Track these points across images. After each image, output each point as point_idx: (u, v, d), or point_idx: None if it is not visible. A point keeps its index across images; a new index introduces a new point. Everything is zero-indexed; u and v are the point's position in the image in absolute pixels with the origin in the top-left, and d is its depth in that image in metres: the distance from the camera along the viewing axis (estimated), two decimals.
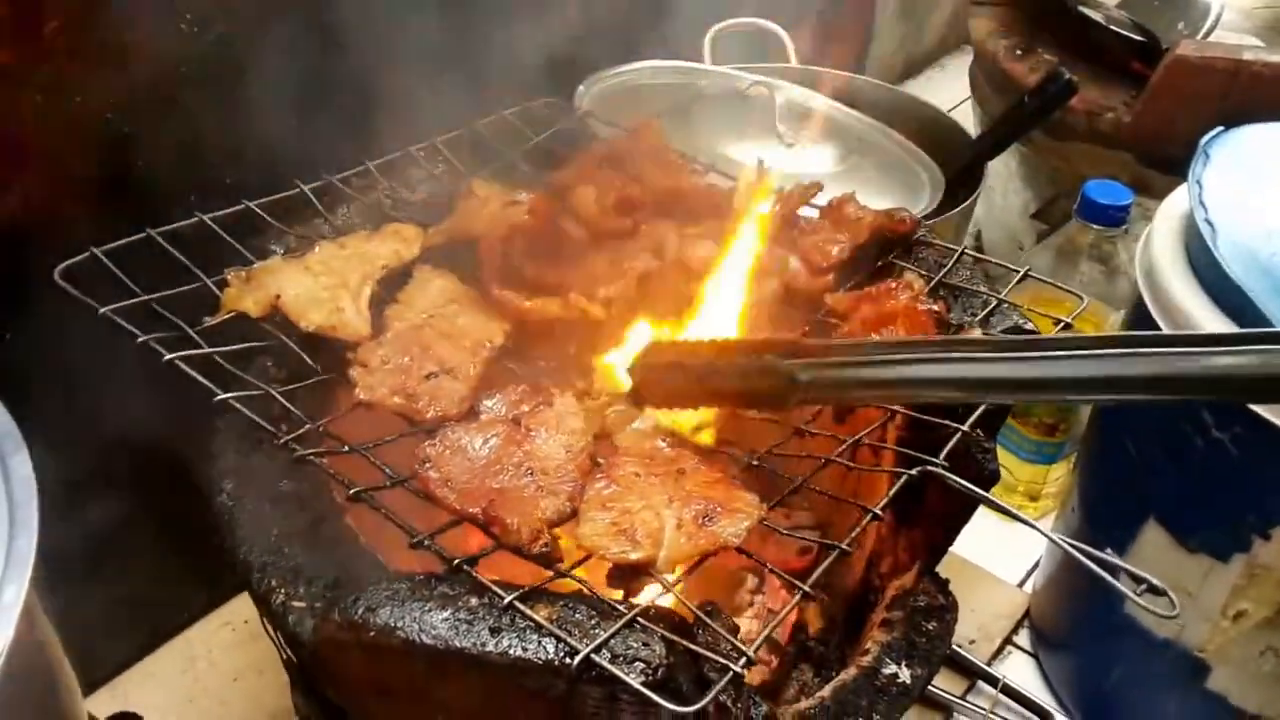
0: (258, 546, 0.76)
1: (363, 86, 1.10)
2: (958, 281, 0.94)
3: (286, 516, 0.78)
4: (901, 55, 2.25)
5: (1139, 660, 1.04)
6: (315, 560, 0.75)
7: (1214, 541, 0.94)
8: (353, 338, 0.86)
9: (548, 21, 1.23)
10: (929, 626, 0.86)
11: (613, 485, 0.74)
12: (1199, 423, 0.90)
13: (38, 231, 0.92)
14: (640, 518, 0.71)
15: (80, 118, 0.94)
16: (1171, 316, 0.91)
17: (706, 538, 0.70)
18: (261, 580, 0.75)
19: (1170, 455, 0.96)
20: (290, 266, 0.90)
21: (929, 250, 0.98)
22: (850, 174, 1.27)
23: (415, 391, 0.81)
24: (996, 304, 0.90)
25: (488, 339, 0.88)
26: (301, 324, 0.85)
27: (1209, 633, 0.96)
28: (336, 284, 0.89)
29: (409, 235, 0.96)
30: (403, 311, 0.89)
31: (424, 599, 0.68)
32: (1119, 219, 1.20)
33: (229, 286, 0.87)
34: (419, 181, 1.05)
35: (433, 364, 0.84)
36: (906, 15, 2.20)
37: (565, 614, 0.67)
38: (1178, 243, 0.95)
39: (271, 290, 0.87)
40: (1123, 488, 1.05)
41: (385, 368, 0.83)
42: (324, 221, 0.98)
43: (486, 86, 1.15)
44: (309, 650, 0.73)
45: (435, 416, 0.80)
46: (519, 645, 0.65)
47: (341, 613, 0.69)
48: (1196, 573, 0.95)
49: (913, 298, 0.87)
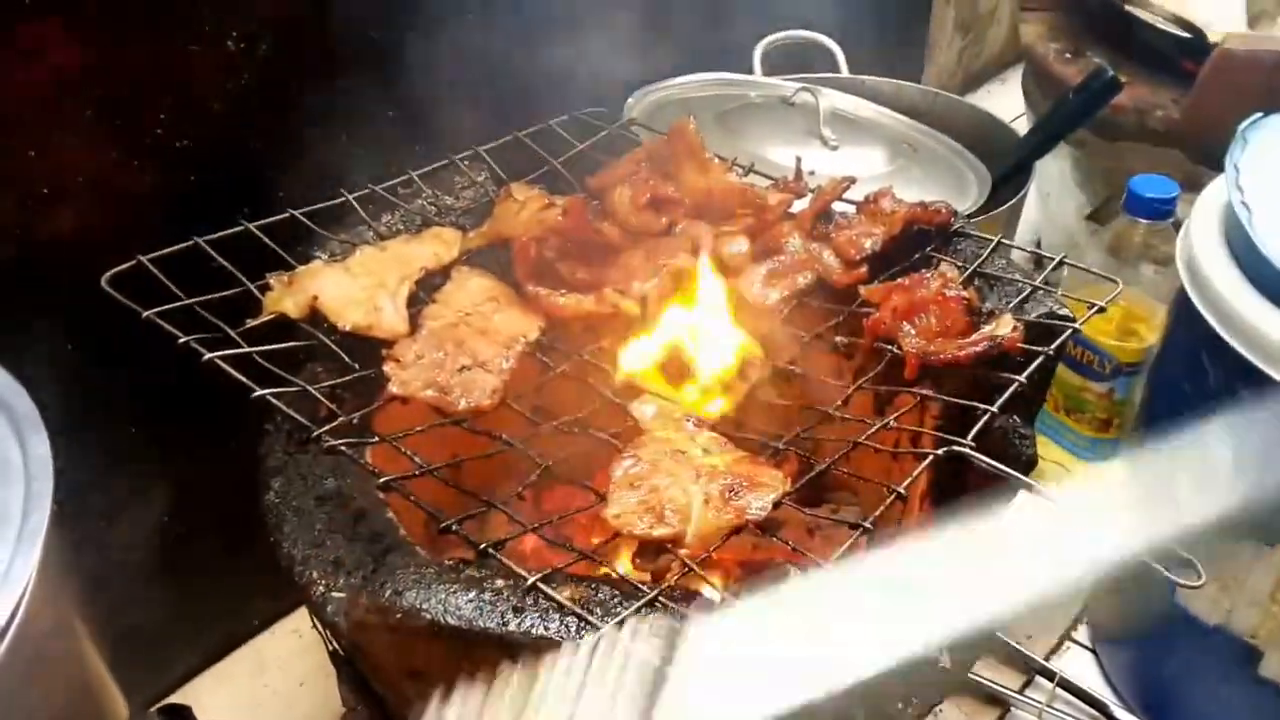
0: (302, 541, 0.78)
1: (409, 97, 1.12)
2: (995, 271, 0.94)
3: (330, 512, 0.79)
4: (960, 69, 2.24)
5: (1192, 649, 1.03)
6: (355, 552, 0.76)
7: (1260, 527, 0.92)
8: (390, 336, 0.87)
9: (597, 33, 1.25)
10: None
11: (640, 464, 0.74)
12: (1240, 405, 0.89)
13: (93, 244, 0.94)
14: (668, 495, 0.72)
15: (132, 132, 0.96)
16: (1213, 303, 0.90)
17: (734, 512, 0.70)
18: (304, 573, 0.76)
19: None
20: (331, 269, 0.92)
21: (967, 241, 0.98)
22: (896, 175, 1.26)
23: (448, 384, 0.83)
24: (1031, 290, 0.90)
25: (522, 334, 0.89)
26: (340, 323, 0.87)
27: (1259, 618, 0.95)
28: (375, 285, 0.91)
29: (448, 238, 0.97)
30: (439, 310, 0.90)
31: (450, 582, 0.69)
32: (1166, 212, 1.18)
33: (270, 290, 0.89)
34: (462, 189, 1.06)
35: (466, 358, 0.85)
36: (964, 28, 2.19)
37: (588, 594, 0.68)
38: (1217, 229, 0.94)
39: (311, 292, 0.88)
40: None
41: (420, 362, 0.85)
42: (368, 228, 0.99)
43: (533, 97, 1.17)
44: (346, 637, 0.74)
45: (467, 408, 0.82)
46: (541, 624, 0.66)
47: (371, 596, 0.70)
48: (1244, 558, 0.94)
49: (944, 285, 0.87)
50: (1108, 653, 1.19)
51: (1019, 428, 0.85)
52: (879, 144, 1.32)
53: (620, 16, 1.27)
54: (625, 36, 1.28)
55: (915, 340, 0.85)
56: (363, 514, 0.79)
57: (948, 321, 0.86)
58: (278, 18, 1.02)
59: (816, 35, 1.52)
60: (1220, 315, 0.90)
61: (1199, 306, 0.92)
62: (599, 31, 1.23)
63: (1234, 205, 0.90)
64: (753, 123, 1.32)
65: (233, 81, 1.01)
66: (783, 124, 1.33)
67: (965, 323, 0.85)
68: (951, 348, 0.82)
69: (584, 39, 1.21)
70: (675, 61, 1.40)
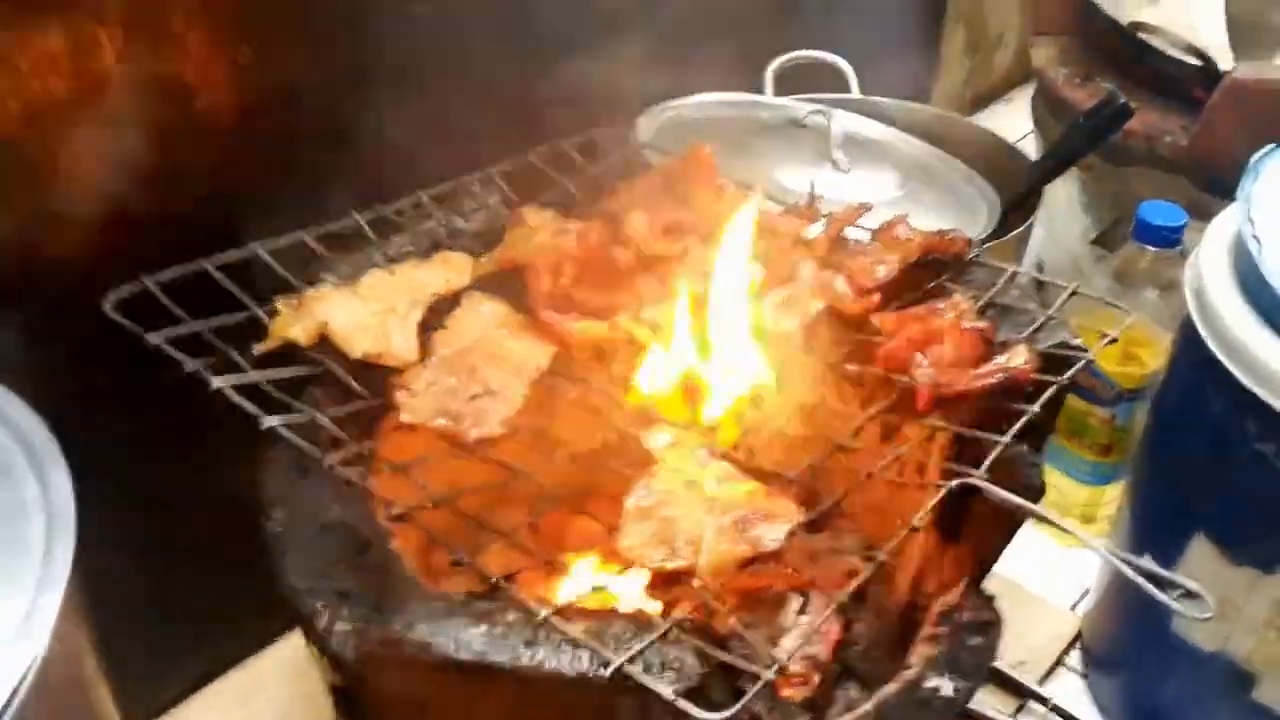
0: (305, 572, 0.77)
1: (420, 118, 1.12)
2: (1008, 300, 0.93)
3: (334, 542, 0.78)
4: (969, 89, 2.24)
5: (1187, 675, 1.03)
6: (360, 584, 0.75)
7: (1259, 553, 0.93)
8: (400, 363, 0.87)
9: (610, 53, 1.25)
10: (973, 641, 0.85)
11: (653, 495, 0.74)
12: (1245, 436, 0.89)
13: (95, 266, 0.94)
14: (681, 525, 0.72)
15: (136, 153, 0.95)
16: (1219, 333, 0.90)
17: (747, 543, 0.70)
18: (308, 605, 0.75)
19: (1216, 469, 0.95)
20: (340, 294, 0.91)
21: (981, 271, 0.98)
22: (907, 200, 1.26)
23: (459, 413, 0.82)
24: (1044, 320, 0.90)
25: (534, 361, 0.89)
26: (349, 350, 0.86)
27: (1255, 644, 0.95)
28: (385, 310, 0.90)
29: (458, 263, 0.97)
30: (450, 337, 0.90)
31: (461, 615, 0.69)
32: (1174, 240, 1.18)
33: (278, 315, 0.88)
34: (473, 211, 1.06)
35: (478, 386, 0.85)
36: (973, 49, 2.19)
37: (601, 627, 0.67)
38: (1227, 260, 0.94)
39: (320, 318, 0.88)
40: (1170, 503, 1.04)
41: (430, 390, 0.84)
42: (378, 251, 0.99)
43: (547, 117, 1.17)
44: (352, 671, 0.74)
45: (479, 437, 0.81)
46: (553, 658, 0.66)
47: (381, 630, 0.70)
48: (1243, 585, 0.94)
49: (958, 316, 0.87)
50: (1101, 678, 1.19)
51: (1028, 456, 0.85)
52: (890, 167, 1.32)
53: (633, 36, 1.27)
54: (638, 55, 1.28)
55: (928, 371, 0.85)
56: (368, 545, 0.79)
57: (962, 353, 0.86)
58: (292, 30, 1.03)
59: (828, 55, 1.52)
60: (1226, 346, 0.90)
61: (1205, 337, 0.92)
62: (611, 51, 1.23)
63: (1244, 237, 0.90)
64: (764, 144, 1.32)
65: (242, 98, 1.01)
66: (794, 146, 1.33)
67: (979, 355, 0.85)
68: (965, 379, 0.82)
69: (597, 58, 1.20)
70: (688, 80, 1.40)
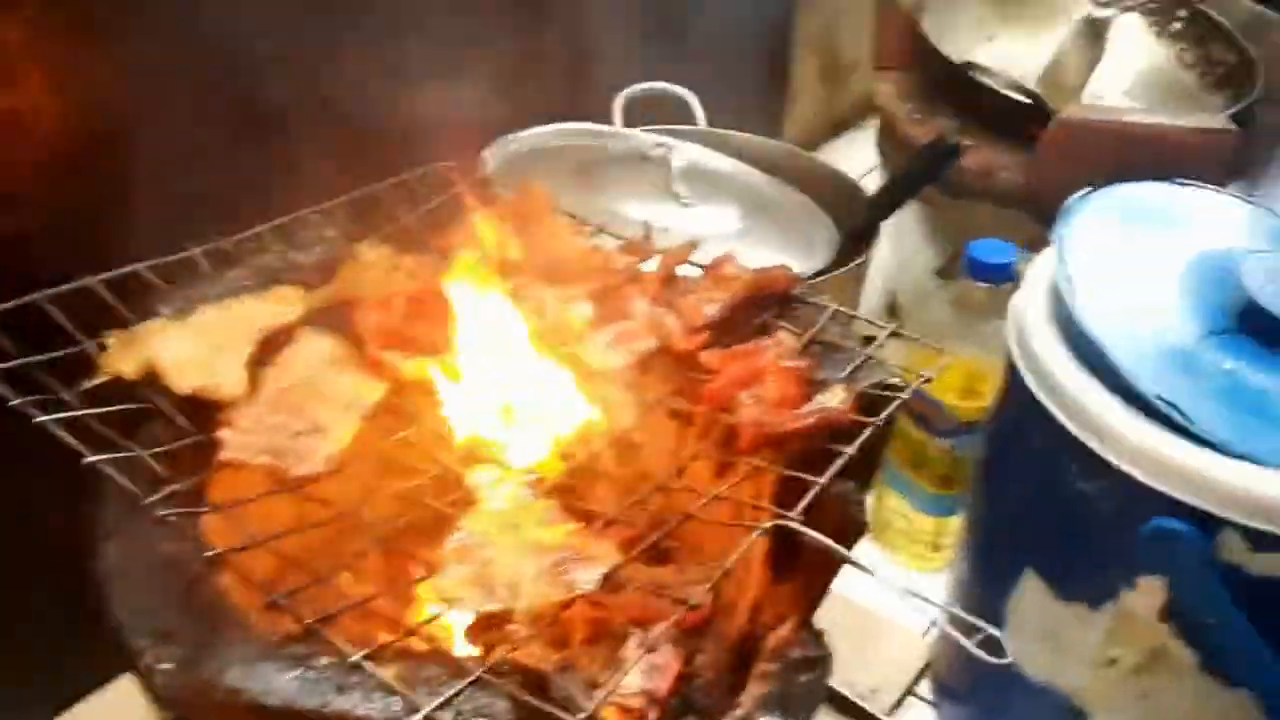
0: (132, 609, 0.76)
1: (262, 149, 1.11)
2: (831, 338, 0.96)
3: (163, 579, 0.78)
4: (821, 118, 2.28)
5: (1025, 708, 1.05)
6: (185, 622, 0.75)
7: (1085, 591, 0.95)
8: (229, 398, 0.86)
9: (457, 83, 1.25)
10: (804, 678, 0.87)
11: (472, 536, 0.74)
12: (1066, 475, 0.92)
13: None
14: (499, 568, 0.72)
15: None
16: (1040, 374, 0.93)
17: (564, 586, 0.71)
18: (132, 642, 0.75)
19: (1042, 507, 0.97)
20: (171, 328, 0.90)
21: (807, 308, 1.00)
22: (748, 233, 1.29)
23: (284, 450, 0.82)
24: (863, 360, 0.92)
25: (364, 399, 0.89)
26: (177, 386, 0.86)
27: (1087, 680, 0.98)
28: (216, 345, 0.89)
29: (292, 297, 0.96)
30: (280, 373, 0.90)
31: (274, 659, 0.69)
32: (1004, 276, 1.22)
33: (108, 349, 0.87)
34: (311, 245, 1.05)
35: (305, 423, 0.85)
36: (826, 78, 2.23)
37: (414, 672, 0.68)
38: (1045, 301, 0.97)
39: (150, 352, 0.87)
40: (1002, 537, 1.06)
41: (257, 427, 0.84)
42: (213, 284, 0.98)
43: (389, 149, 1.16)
44: (174, 711, 0.73)
45: (303, 475, 0.81)
46: (364, 704, 0.66)
47: (195, 673, 0.69)
48: (1071, 621, 0.96)
49: (779, 355, 0.89)
50: (948, 708, 1.22)
51: (852, 494, 0.87)
52: (732, 201, 1.35)
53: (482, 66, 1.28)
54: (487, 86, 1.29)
55: (751, 410, 0.86)
56: (197, 582, 0.78)
57: (785, 392, 0.87)
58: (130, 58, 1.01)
59: (674, 87, 1.55)
60: (1046, 386, 0.92)
61: (1026, 376, 0.95)
62: (459, 81, 1.24)
63: (1059, 280, 0.93)
64: (610, 177, 1.33)
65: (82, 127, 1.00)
66: (639, 178, 1.35)
67: (800, 393, 0.87)
68: (785, 419, 0.84)
69: (444, 89, 1.21)
70: (538, 111, 1.41)
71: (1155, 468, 0.85)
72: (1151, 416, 0.85)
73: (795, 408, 0.86)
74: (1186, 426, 0.84)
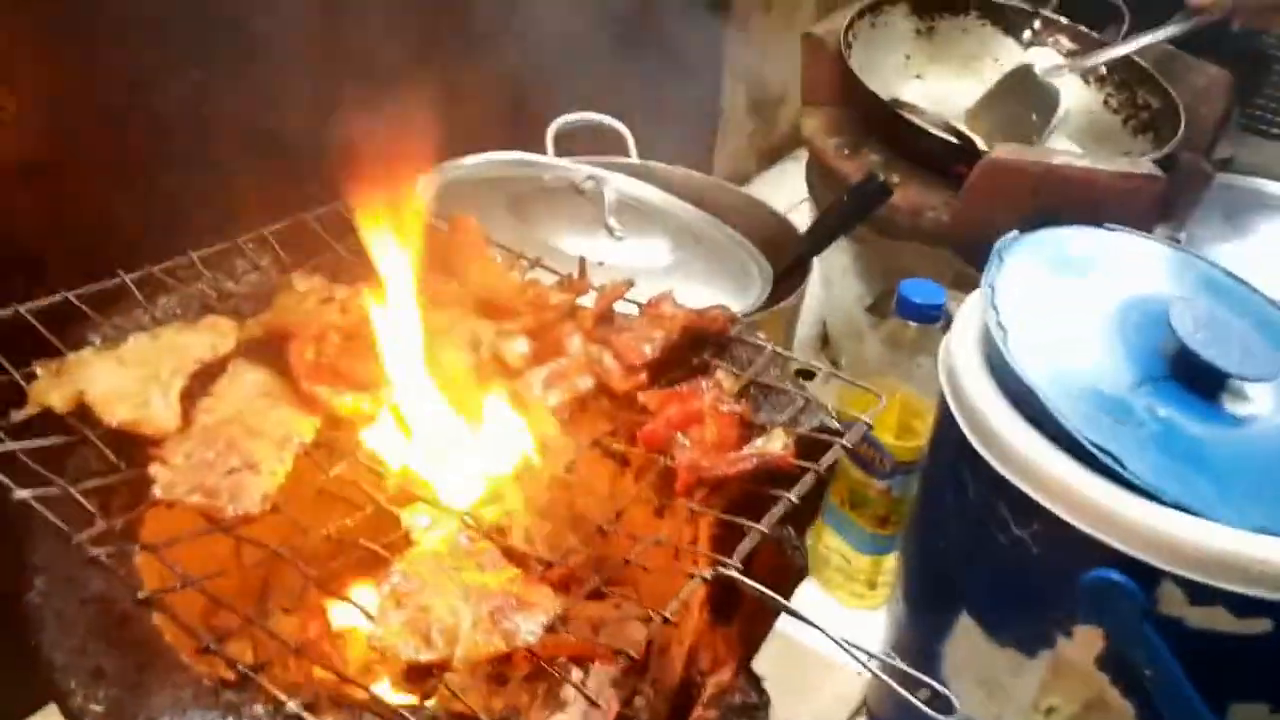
0: (62, 646, 0.74)
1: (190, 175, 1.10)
2: (769, 380, 0.96)
3: (94, 616, 0.76)
4: (753, 149, 2.30)
5: None
6: (116, 662, 0.74)
7: (1021, 637, 0.95)
8: (159, 433, 0.85)
9: (395, 110, 1.24)
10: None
11: (408, 580, 0.73)
12: (1000, 520, 0.92)
13: None
14: (435, 615, 0.71)
15: None
16: (972, 418, 0.93)
17: (502, 636, 0.70)
18: (62, 680, 0.73)
19: (976, 550, 0.97)
20: (101, 359, 0.88)
21: (744, 348, 1.00)
22: (680, 268, 1.29)
23: (216, 488, 0.80)
24: (804, 403, 0.92)
25: (297, 434, 0.88)
26: (107, 419, 0.84)
27: None
28: (147, 377, 0.88)
29: (224, 328, 0.95)
30: (213, 406, 0.88)
31: (208, 706, 0.68)
32: (934, 316, 1.23)
33: (37, 379, 0.86)
34: (244, 273, 1.04)
35: (237, 459, 0.83)
36: (756, 110, 2.25)
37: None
38: (975, 343, 0.97)
39: (80, 383, 0.85)
40: (938, 580, 1.06)
41: (188, 463, 0.82)
42: (144, 312, 0.96)
43: (322, 178, 1.15)
44: None
45: (236, 515, 0.80)
46: None
47: (125, 716, 0.68)
48: (1007, 667, 0.96)
49: (717, 397, 0.89)
50: None
51: (791, 540, 0.87)
52: (664, 234, 1.35)
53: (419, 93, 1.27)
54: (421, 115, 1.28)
55: (689, 453, 0.86)
56: (128, 620, 0.77)
57: (723, 434, 0.88)
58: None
59: (605, 118, 1.55)
60: (978, 430, 0.93)
61: (959, 419, 0.95)
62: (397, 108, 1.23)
63: (990, 324, 0.93)
64: (543, 209, 1.33)
65: None
66: (572, 210, 1.34)
67: (738, 436, 0.87)
68: (723, 464, 0.84)
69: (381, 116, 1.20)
70: (473, 139, 1.40)
71: (1093, 516, 0.84)
72: (1087, 463, 0.85)
73: (734, 450, 0.86)
74: (1124, 475, 0.83)
